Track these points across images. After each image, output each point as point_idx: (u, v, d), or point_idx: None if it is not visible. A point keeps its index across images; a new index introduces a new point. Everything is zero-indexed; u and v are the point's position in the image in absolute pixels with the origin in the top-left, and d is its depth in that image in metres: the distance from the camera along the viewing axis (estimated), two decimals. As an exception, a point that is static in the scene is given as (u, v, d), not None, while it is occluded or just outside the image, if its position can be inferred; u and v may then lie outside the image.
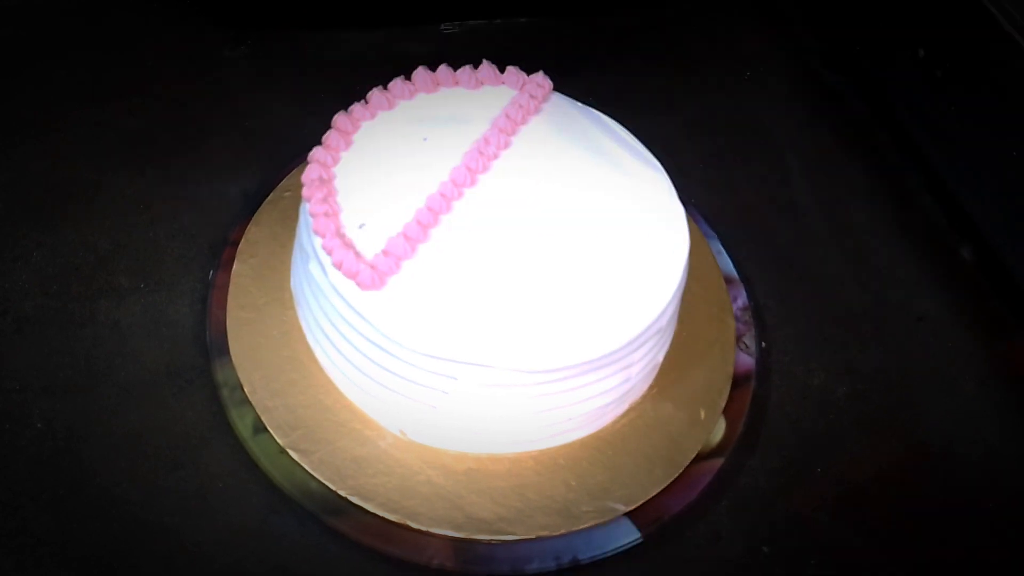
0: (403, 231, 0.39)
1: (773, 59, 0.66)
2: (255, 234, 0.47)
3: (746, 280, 0.51)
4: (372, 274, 0.37)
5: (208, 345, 0.43)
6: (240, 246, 0.47)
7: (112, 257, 0.47)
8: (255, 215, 0.48)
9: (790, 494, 0.43)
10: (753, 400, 0.46)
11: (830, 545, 0.42)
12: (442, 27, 0.62)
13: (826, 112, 0.62)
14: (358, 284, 0.38)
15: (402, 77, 0.45)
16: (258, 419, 0.41)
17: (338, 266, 0.38)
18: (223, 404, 0.42)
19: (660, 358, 0.43)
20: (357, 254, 0.38)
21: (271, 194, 0.49)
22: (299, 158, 0.51)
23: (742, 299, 0.50)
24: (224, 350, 0.43)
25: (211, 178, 0.52)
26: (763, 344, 0.48)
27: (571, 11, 0.66)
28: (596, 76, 0.61)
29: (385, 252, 0.38)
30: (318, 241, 0.39)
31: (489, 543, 0.39)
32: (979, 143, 0.56)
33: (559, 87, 0.48)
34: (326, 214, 0.39)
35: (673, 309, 0.41)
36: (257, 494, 0.40)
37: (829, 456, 0.45)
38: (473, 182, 0.42)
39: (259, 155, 0.53)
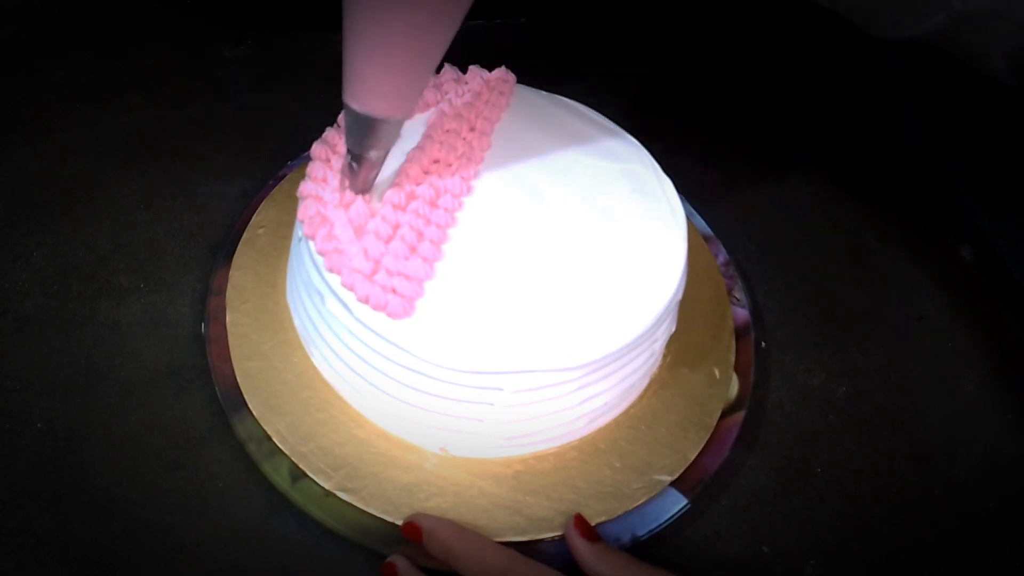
0: (419, 253, 0.38)
1: (774, 59, 0.66)
2: (239, 279, 0.45)
3: (745, 279, 0.51)
4: (401, 302, 0.36)
5: (221, 403, 0.42)
6: (228, 294, 0.45)
7: (112, 257, 0.47)
8: (233, 259, 0.46)
9: (790, 494, 0.43)
10: (756, 351, 0.47)
11: (830, 545, 0.42)
12: (442, 27, 0.62)
13: (826, 111, 0.63)
14: (388, 315, 0.36)
15: None
16: (294, 467, 0.40)
17: (364, 300, 0.37)
18: (252, 459, 0.40)
19: (674, 327, 0.44)
20: (381, 285, 0.37)
21: (244, 233, 0.47)
22: (298, 158, 0.52)
23: (722, 255, 0.51)
24: (239, 404, 0.41)
25: (211, 178, 0.52)
26: (763, 344, 0.49)
27: (571, 11, 0.66)
28: (596, 76, 0.61)
29: (407, 277, 0.37)
30: (334, 279, 0.37)
31: (553, 540, 0.39)
32: (980, 142, 0.56)
33: (559, 87, 0.48)
34: (336, 250, 0.38)
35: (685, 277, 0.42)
36: (257, 494, 0.40)
37: (829, 456, 0.45)
38: (469, 190, 0.42)
39: (259, 155, 0.53)
